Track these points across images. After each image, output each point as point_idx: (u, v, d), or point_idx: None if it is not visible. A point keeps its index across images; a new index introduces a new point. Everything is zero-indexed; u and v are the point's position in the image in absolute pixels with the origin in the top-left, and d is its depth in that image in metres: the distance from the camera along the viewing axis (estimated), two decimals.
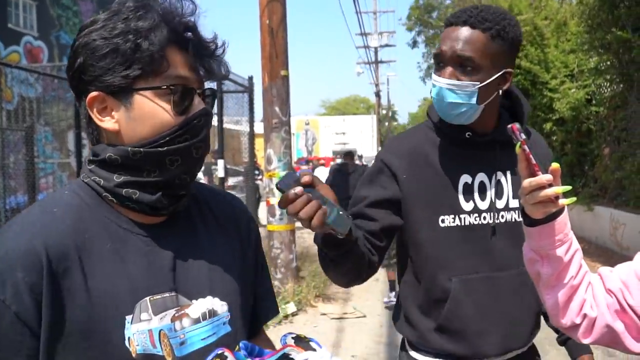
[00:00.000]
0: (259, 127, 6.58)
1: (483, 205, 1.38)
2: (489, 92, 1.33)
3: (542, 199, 1.00)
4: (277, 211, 5.77)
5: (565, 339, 1.59)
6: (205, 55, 0.90)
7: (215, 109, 5.93)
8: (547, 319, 1.44)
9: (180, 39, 0.88)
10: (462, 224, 1.36)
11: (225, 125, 7.97)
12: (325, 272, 1.32)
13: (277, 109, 5.62)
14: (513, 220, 1.40)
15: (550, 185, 0.99)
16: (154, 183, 0.88)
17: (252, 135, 7.09)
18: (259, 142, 6.81)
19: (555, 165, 1.00)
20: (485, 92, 1.32)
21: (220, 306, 0.94)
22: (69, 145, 11.52)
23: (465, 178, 1.38)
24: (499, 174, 1.41)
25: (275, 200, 5.71)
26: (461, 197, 1.37)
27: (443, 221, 1.36)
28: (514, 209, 1.41)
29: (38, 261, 0.80)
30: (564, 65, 9.74)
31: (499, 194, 1.40)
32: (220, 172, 5.80)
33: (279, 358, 0.82)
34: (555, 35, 10.08)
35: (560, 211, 1.04)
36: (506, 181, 1.41)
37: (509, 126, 1.05)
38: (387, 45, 35.42)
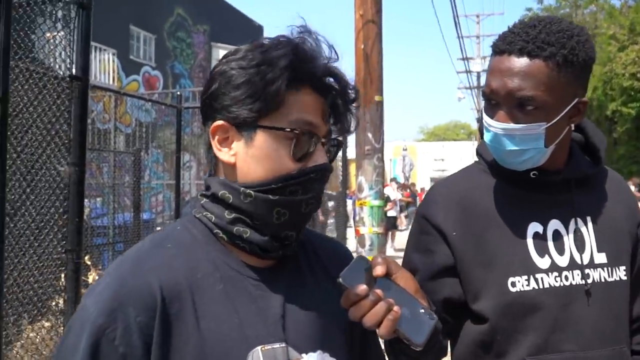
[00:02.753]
0: (353, 153, 6.49)
1: (562, 261, 1.07)
2: (558, 131, 1.05)
3: None
4: (367, 241, 5.58)
5: None
6: (341, 107, 0.87)
7: None
8: None
9: (319, 83, 0.85)
10: (540, 286, 1.06)
11: None
12: None
13: (370, 135, 5.48)
14: (603, 280, 1.08)
15: None
16: (261, 231, 0.85)
17: (344, 161, 7.03)
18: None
19: None
20: (554, 132, 1.04)
21: None
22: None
23: (534, 227, 1.09)
24: (578, 220, 1.10)
25: (365, 230, 5.52)
26: (533, 252, 1.07)
27: (514, 284, 1.06)
28: (601, 266, 1.09)
29: (152, 300, 0.77)
30: None
31: (580, 246, 1.09)
32: None
33: None
34: None
35: None
36: (587, 230, 1.10)
37: None
38: None
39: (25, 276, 2.57)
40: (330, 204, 9.64)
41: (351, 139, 6.13)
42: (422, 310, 0.84)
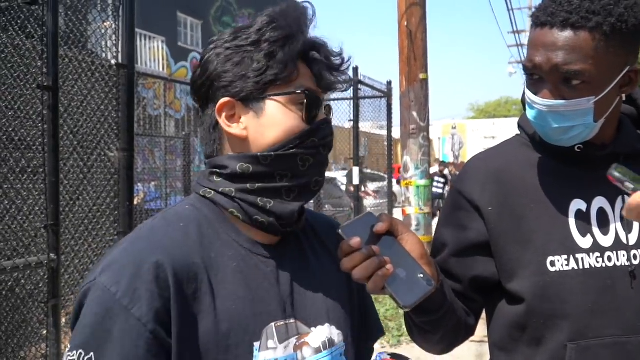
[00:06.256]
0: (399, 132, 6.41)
1: (606, 241, 1.01)
2: (608, 103, 0.98)
3: None
4: (414, 222, 5.53)
5: None
6: (330, 70, 0.90)
7: (351, 116, 5.90)
8: None
9: (307, 56, 0.89)
10: (580, 267, 1.00)
11: (370, 130, 7.95)
12: (412, 337, 1.08)
13: (414, 114, 5.38)
14: None
15: None
16: (289, 188, 0.86)
17: (390, 141, 6.96)
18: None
19: None
20: (603, 105, 0.97)
21: (337, 335, 0.91)
22: None
23: (577, 204, 1.02)
24: (626, 198, 1.02)
25: (411, 209, 5.47)
26: (574, 231, 1.01)
27: (553, 264, 1.00)
28: None
29: (166, 280, 0.77)
30: None
31: (628, 225, 1.01)
32: (355, 180, 5.73)
33: None
34: None
35: None
36: None
37: None
38: None
39: (85, 263, 2.71)
40: (379, 184, 9.60)
41: (396, 118, 6.06)
42: (421, 275, 0.85)
